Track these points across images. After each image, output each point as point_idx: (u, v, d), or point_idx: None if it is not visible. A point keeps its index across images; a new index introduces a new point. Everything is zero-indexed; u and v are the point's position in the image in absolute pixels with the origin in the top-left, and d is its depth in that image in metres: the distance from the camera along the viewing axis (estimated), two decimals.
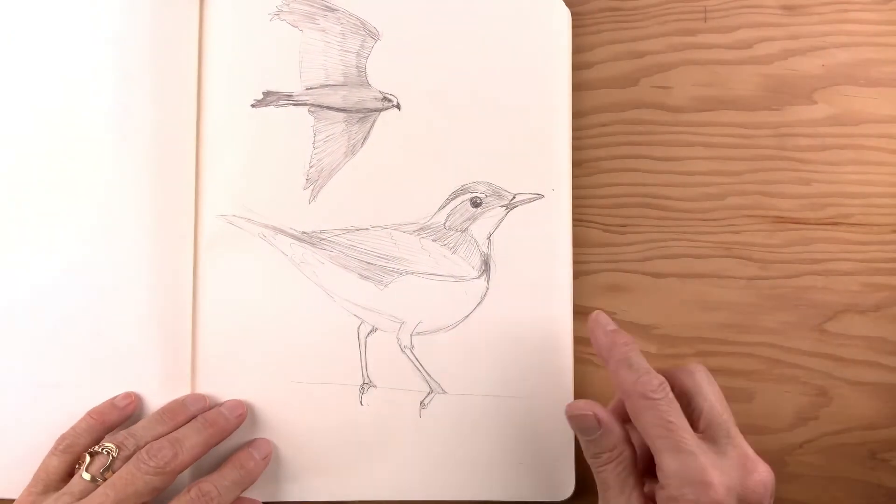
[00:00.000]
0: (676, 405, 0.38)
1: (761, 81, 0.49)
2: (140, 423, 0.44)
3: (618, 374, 0.39)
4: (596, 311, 0.42)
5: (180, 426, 0.44)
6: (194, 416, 0.45)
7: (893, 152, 0.49)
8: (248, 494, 0.45)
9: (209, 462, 0.45)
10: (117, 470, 0.41)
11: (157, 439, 0.42)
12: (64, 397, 0.45)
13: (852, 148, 0.49)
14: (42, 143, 0.46)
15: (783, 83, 0.49)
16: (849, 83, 0.49)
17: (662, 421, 0.37)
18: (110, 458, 0.41)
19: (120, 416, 0.45)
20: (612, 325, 0.41)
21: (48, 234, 0.46)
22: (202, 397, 0.46)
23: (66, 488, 0.41)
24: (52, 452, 0.43)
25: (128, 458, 0.41)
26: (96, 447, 0.42)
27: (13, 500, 0.43)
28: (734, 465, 0.37)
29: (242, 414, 0.45)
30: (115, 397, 0.45)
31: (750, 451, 0.38)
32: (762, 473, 0.37)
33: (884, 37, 0.49)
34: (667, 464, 0.37)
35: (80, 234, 0.46)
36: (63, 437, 0.43)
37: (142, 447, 0.42)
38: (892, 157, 0.49)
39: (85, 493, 0.40)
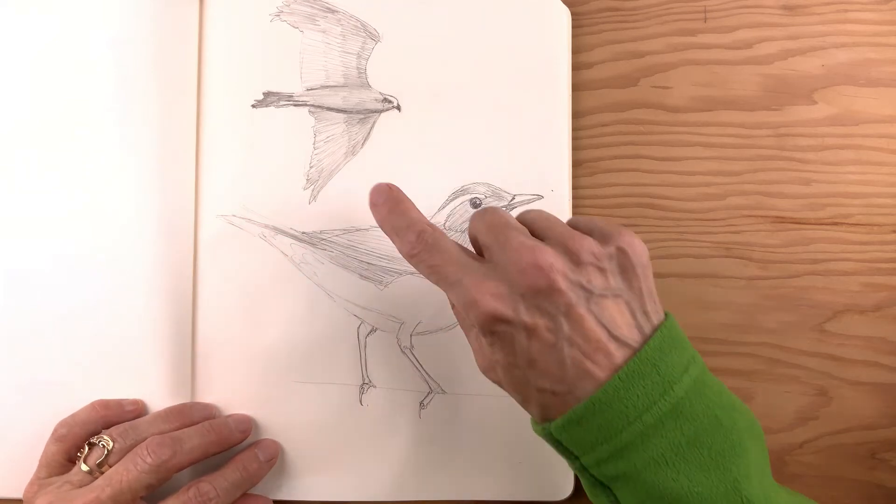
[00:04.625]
0: (441, 244, 0.37)
1: (761, 81, 0.49)
2: (145, 418, 0.44)
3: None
4: (372, 189, 0.40)
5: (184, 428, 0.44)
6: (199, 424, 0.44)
7: (893, 152, 0.49)
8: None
9: (214, 459, 0.44)
10: (113, 464, 0.41)
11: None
12: (64, 395, 0.45)
13: (852, 148, 0.49)
14: (42, 143, 0.46)
15: (783, 83, 0.49)
16: (849, 83, 0.49)
17: (427, 269, 0.37)
18: (105, 451, 0.41)
19: (120, 419, 0.45)
20: (381, 199, 0.40)
21: (48, 234, 0.46)
22: (209, 407, 0.46)
23: (66, 476, 0.41)
24: (50, 439, 0.43)
25: (124, 451, 0.42)
26: (94, 438, 0.42)
27: (13, 500, 0.44)
28: (508, 266, 0.34)
29: (247, 430, 0.45)
30: (125, 400, 0.45)
31: (532, 243, 0.34)
32: (534, 256, 0.34)
33: (884, 37, 0.49)
34: (449, 299, 0.38)
35: (80, 234, 0.46)
36: (62, 424, 0.43)
37: (141, 442, 0.42)
38: (892, 157, 0.49)
39: (83, 484, 0.41)
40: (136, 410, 0.45)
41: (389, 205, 0.39)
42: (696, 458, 0.33)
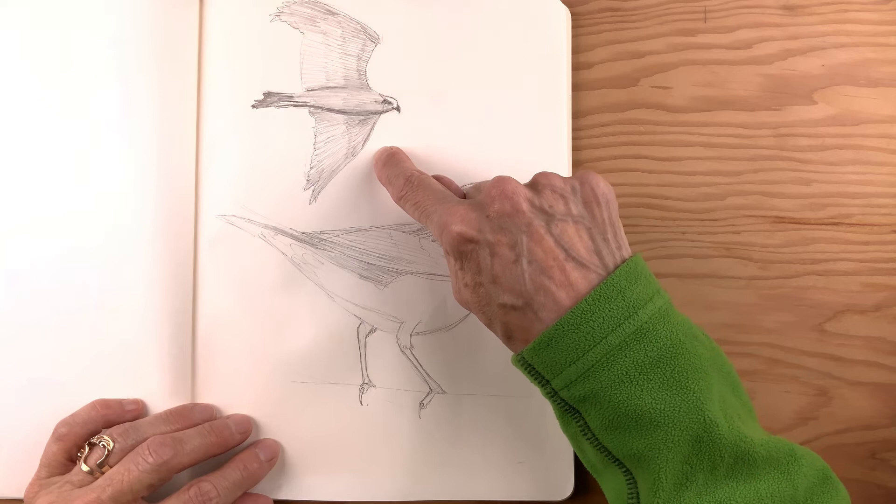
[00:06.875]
0: (426, 182, 0.41)
1: (761, 81, 0.49)
2: (146, 419, 0.44)
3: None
4: (378, 152, 0.47)
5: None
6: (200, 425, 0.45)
7: (893, 152, 0.49)
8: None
9: (215, 458, 0.44)
10: (114, 464, 0.41)
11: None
12: (64, 395, 0.45)
13: (852, 148, 0.49)
14: (43, 143, 0.46)
15: (783, 83, 0.49)
16: (849, 83, 0.49)
17: (412, 206, 0.41)
18: (106, 451, 0.41)
19: (121, 419, 0.45)
20: (380, 156, 0.46)
21: (48, 234, 0.46)
22: (210, 409, 0.46)
23: (67, 476, 0.41)
24: (51, 439, 0.43)
25: (125, 451, 0.42)
26: (94, 438, 0.42)
27: (13, 500, 0.44)
28: (480, 197, 0.38)
29: (247, 432, 0.46)
30: (125, 399, 0.45)
31: (503, 177, 0.38)
32: (501, 186, 0.37)
33: (884, 37, 0.49)
34: (429, 230, 0.41)
35: (80, 234, 0.46)
36: (62, 423, 0.44)
37: (141, 442, 0.42)
38: (892, 157, 0.49)
39: (84, 484, 0.41)
40: (136, 410, 0.45)
41: (384, 158, 0.46)
42: (659, 378, 0.34)
